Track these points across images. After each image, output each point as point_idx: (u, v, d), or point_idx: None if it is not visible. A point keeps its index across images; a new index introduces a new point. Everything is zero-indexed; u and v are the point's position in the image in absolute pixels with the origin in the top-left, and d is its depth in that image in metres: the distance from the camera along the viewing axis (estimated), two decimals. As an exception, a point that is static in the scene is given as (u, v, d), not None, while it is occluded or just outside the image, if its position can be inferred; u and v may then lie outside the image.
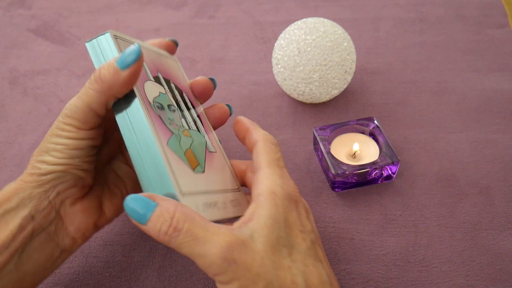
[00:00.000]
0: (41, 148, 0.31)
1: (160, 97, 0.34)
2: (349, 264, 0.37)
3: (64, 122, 0.30)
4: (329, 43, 0.45)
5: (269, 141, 0.33)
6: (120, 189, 0.36)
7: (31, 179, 0.31)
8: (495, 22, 0.60)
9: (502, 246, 0.38)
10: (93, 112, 0.30)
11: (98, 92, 0.30)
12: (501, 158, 0.44)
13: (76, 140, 0.31)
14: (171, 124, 0.33)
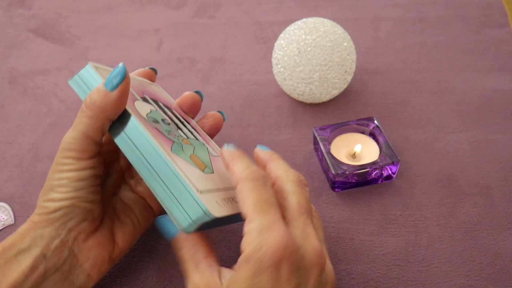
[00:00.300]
0: (46, 187, 0.31)
1: (152, 113, 0.34)
2: (349, 264, 0.37)
3: (63, 156, 0.30)
4: (329, 43, 0.45)
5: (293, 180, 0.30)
6: (130, 218, 0.36)
7: (40, 218, 0.31)
8: (495, 22, 0.60)
9: (502, 246, 0.38)
10: (90, 139, 0.30)
11: (92, 118, 0.30)
12: (501, 158, 0.44)
13: (78, 172, 0.30)
14: (169, 134, 0.33)
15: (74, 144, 0.30)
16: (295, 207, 0.28)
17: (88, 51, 0.62)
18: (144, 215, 0.36)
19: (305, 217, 0.28)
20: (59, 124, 0.52)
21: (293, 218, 0.28)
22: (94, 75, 0.32)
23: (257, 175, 0.28)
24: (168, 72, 0.58)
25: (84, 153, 0.30)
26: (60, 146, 0.31)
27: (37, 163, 0.48)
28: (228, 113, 0.51)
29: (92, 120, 0.30)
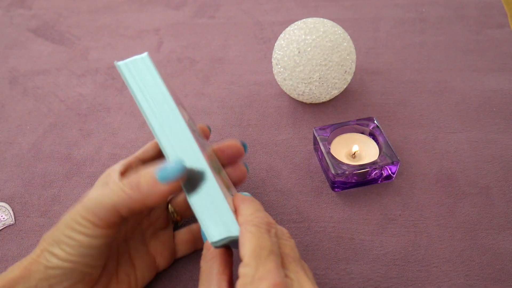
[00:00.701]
0: (53, 235, 0.29)
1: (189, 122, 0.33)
2: (349, 264, 0.37)
3: (82, 216, 0.28)
4: (329, 43, 0.45)
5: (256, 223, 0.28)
6: (128, 277, 0.34)
7: (38, 269, 0.29)
8: (495, 22, 0.60)
9: (502, 246, 0.38)
10: (118, 213, 0.28)
11: (131, 198, 0.28)
12: (501, 158, 0.44)
13: (91, 238, 0.29)
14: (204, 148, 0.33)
15: (99, 209, 0.28)
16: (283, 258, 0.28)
17: (88, 51, 0.62)
18: (144, 275, 0.35)
19: (293, 264, 0.28)
20: (59, 124, 0.52)
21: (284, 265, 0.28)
22: (151, 69, 0.31)
23: (262, 221, 0.28)
24: (168, 72, 0.58)
25: (104, 222, 0.28)
26: (86, 202, 0.28)
27: (37, 163, 0.48)
28: (228, 113, 0.51)
29: (129, 200, 0.28)
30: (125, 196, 0.28)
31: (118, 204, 0.28)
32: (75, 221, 0.28)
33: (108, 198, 0.28)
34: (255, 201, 0.31)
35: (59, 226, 0.29)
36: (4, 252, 0.40)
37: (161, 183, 0.28)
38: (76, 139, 0.50)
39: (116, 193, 0.28)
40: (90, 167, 0.47)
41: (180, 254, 0.38)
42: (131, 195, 0.28)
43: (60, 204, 0.44)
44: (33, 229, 0.42)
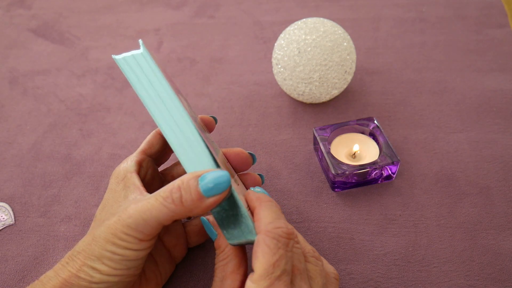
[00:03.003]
0: (92, 251, 0.28)
1: (190, 111, 0.33)
2: (349, 264, 0.37)
3: (125, 232, 0.28)
4: (329, 43, 0.45)
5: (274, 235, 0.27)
6: (154, 273, 0.34)
7: (79, 283, 0.28)
8: (495, 22, 0.60)
9: (502, 246, 0.38)
10: (161, 226, 0.28)
11: (174, 212, 0.27)
12: (501, 158, 0.44)
13: (136, 251, 0.28)
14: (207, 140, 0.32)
15: (142, 226, 0.27)
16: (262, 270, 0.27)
17: (88, 51, 0.62)
18: (166, 269, 0.35)
19: (298, 278, 0.27)
20: (59, 124, 0.52)
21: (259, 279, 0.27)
22: (151, 64, 0.30)
23: (282, 233, 0.27)
24: (168, 72, 0.58)
25: (149, 236, 0.28)
26: (125, 219, 0.28)
27: (37, 163, 0.48)
28: (228, 113, 0.51)
29: (173, 214, 0.27)
30: (169, 212, 0.27)
31: (162, 219, 0.28)
32: (117, 237, 0.28)
33: (151, 215, 0.27)
34: (273, 203, 0.30)
35: (99, 242, 0.28)
36: (4, 252, 0.40)
37: (206, 197, 0.27)
38: (76, 139, 0.50)
39: (157, 209, 0.27)
40: (90, 167, 0.47)
41: (193, 244, 0.38)
42: (173, 209, 0.27)
43: (60, 204, 0.44)
44: (33, 229, 0.42)
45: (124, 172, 0.33)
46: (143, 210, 0.28)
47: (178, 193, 0.27)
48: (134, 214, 0.28)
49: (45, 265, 0.39)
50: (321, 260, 0.30)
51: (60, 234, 0.41)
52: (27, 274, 0.39)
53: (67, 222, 0.42)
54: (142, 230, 0.28)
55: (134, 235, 0.28)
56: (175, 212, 0.27)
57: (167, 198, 0.27)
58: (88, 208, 0.43)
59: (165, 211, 0.27)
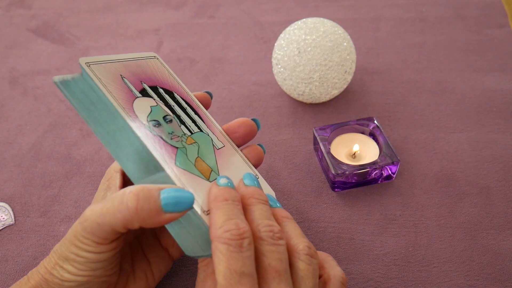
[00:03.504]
0: (61, 251, 0.29)
1: (152, 112, 0.32)
2: (349, 264, 0.37)
3: (83, 236, 0.28)
4: (329, 43, 0.45)
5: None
6: (145, 272, 0.34)
7: (54, 281, 0.29)
8: (495, 22, 0.60)
9: (502, 246, 0.38)
10: (116, 231, 0.27)
11: (128, 220, 0.26)
12: (501, 158, 0.44)
13: (97, 254, 0.28)
14: (172, 139, 0.32)
15: (97, 230, 0.27)
16: (265, 270, 0.27)
17: (88, 51, 0.62)
18: (160, 268, 0.35)
19: (276, 281, 0.26)
20: (59, 124, 0.52)
21: (264, 282, 0.26)
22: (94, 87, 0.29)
23: (231, 236, 0.26)
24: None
25: (106, 240, 0.28)
26: (84, 223, 0.27)
27: (37, 163, 0.48)
28: (228, 113, 0.51)
29: (126, 221, 0.26)
30: (122, 218, 0.26)
31: (115, 225, 0.27)
32: (78, 240, 0.28)
33: (104, 219, 0.27)
34: (227, 201, 0.28)
35: (65, 244, 0.28)
36: (4, 252, 0.40)
37: (164, 212, 0.26)
38: (76, 139, 0.50)
39: (112, 215, 0.26)
40: (90, 167, 0.47)
41: None
42: (127, 217, 0.26)
43: (60, 204, 0.44)
44: (33, 229, 0.42)
45: (111, 172, 0.33)
46: (97, 214, 0.27)
47: (134, 200, 0.26)
48: (90, 217, 0.27)
49: (45, 265, 0.39)
50: (317, 259, 0.29)
51: (60, 234, 0.41)
52: (27, 274, 0.39)
53: (67, 222, 0.42)
54: (97, 234, 0.27)
55: (91, 238, 0.27)
56: (127, 219, 0.26)
57: (121, 203, 0.26)
58: (88, 208, 0.43)
59: (118, 217, 0.26)
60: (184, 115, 0.35)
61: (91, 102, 0.29)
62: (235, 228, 0.26)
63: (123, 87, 0.32)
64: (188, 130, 0.34)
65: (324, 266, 0.31)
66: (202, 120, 0.36)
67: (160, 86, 0.36)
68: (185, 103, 0.36)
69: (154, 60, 0.37)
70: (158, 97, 0.34)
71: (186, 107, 0.36)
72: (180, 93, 0.37)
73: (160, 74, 0.37)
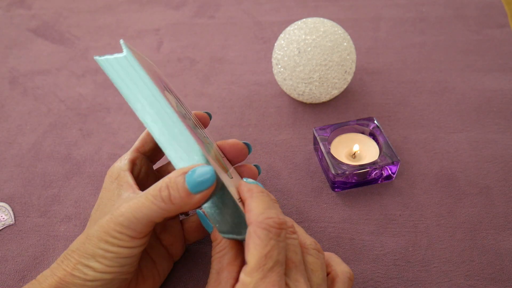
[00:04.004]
0: (86, 249, 0.28)
1: (178, 106, 0.33)
2: (349, 264, 0.37)
3: (117, 230, 0.28)
4: (329, 43, 0.45)
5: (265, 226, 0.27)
6: (151, 272, 0.34)
7: (74, 282, 0.28)
8: (495, 22, 0.60)
9: (502, 246, 0.38)
10: (153, 223, 0.28)
11: (164, 210, 0.28)
12: (501, 158, 0.44)
13: (129, 249, 0.28)
14: (196, 132, 0.32)
15: (134, 224, 0.28)
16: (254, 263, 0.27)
17: (88, 51, 0.62)
18: (163, 267, 0.35)
19: (294, 272, 0.27)
20: (59, 124, 0.52)
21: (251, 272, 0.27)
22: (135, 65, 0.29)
23: (273, 224, 0.27)
24: (168, 72, 0.58)
25: (141, 234, 0.28)
26: (117, 217, 0.28)
27: (37, 163, 0.48)
28: (228, 113, 0.51)
29: (163, 211, 0.28)
30: (159, 209, 0.28)
31: (153, 217, 0.28)
32: (110, 235, 0.28)
33: (141, 213, 0.27)
34: (264, 192, 0.30)
35: (92, 240, 0.28)
36: (4, 252, 0.40)
37: (193, 194, 0.27)
38: (76, 139, 0.50)
39: (148, 208, 0.27)
40: (90, 167, 0.47)
41: (191, 241, 0.38)
42: (164, 207, 0.27)
43: (60, 204, 0.44)
44: (33, 229, 0.42)
45: (118, 171, 0.34)
46: (134, 208, 0.28)
47: (166, 191, 0.27)
48: (125, 212, 0.28)
49: (45, 265, 0.39)
50: (323, 253, 0.30)
51: (60, 234, 0.41)
52: (27, 274, 0.39)
53: (67, 222, 0.42)
54: (134, 228, 0.28)
55: (126, 233, 0.28)
56: (165, 209, 0.28)
57: (156, 196, 0.28)
58: (88, 208, 0.43)
59: (155, 209, 0.27)
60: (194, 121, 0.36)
61: (132, 80, 0.30)
62: (276, 217, 0.27)
63: (156, 76, 0.33)
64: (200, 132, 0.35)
65: (331, 264, 0.32)
66: (200, 128, 0.37)
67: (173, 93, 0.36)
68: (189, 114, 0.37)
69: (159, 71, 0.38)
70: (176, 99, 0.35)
71: (195, 122, 0.37)
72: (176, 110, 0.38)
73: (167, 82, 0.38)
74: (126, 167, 0.34)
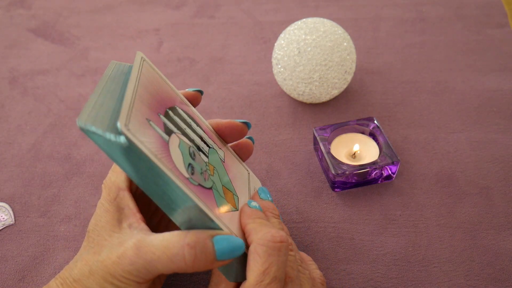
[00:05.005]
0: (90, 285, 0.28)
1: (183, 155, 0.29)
2: (349, 264, 0.37)
3: (124, 276, 0.27)
4: (329, 43, 0.45)
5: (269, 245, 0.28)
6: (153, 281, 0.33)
7: None
8: (495, 22, 0.60)
9: (502, 246, 0.38)
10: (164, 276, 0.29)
11: (181, 269, 0.27)
12: (501, 158, 0.44)
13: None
14: (205, 180, 0.30)
15: (143, 274, 0.27)
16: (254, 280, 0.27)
17: (88, 51, 0.62)
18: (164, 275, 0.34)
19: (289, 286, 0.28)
20: (59, 124, 0.52)
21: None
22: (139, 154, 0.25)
23: (272, 238, 0.27)
24: (168, 72, 0.58)
25: (149, 280, 0.28)
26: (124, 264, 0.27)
27: (37, 163, 0.48)
28: (228, 113, 0.51)
29: (181, 270, 0.27)
30: (175, 268, 0.26)
31: (165, 271, 0.27)
32: (116, 279, 0.27)
33: (154, 267, 0.26)
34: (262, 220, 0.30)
35: (95, 277, 0.28)
36: (4, 252, 0.40)
37: (218, 260, 0.27)
38: (76, 139, 0.50)
39: (165, 265, 0.26)
40: (90, 167, 0.47)
41: None
42: (183, 268, 0.26)
43: (60, 204, 0.44)
44: (33, 229, 0.42)
45: (116, 190, 0.31)
46: (147, 261, 0.26)
47: (192, 252, 0.26)
48: (136, 262, 0.26)
49: (45, 265, 0.39)
50: (307, 267, 0.32)
51: (60, 234, 0.41)
52: (27, 274, 0.39)
53: (67, 222, 0.42)
54: (142, 276, 0.27)
55: (133, 279, 0.27)
56: (181, 269, 0.26)
57: (177, 255, 0.26)
58: (88, 208, 0.43)
59: (171, 267, 0.26)
60: (194, 135, 0.32)
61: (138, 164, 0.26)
62: (276, 231, 0.28)
63: (154, 135, 0.27)
64: (204, 154, 0.32)
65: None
66: (199, 126, 0.33)
67: (167, 107, 0.31)
68: (186, 115, 0.33)
69: (145, 65, 0.31)
70: (173, 125, 0.30)
71: (190, 122, 0.33)
72: (178, 102, 0.33)
73: (159, 86, 0.31)
74: (124, 184, 0.31)
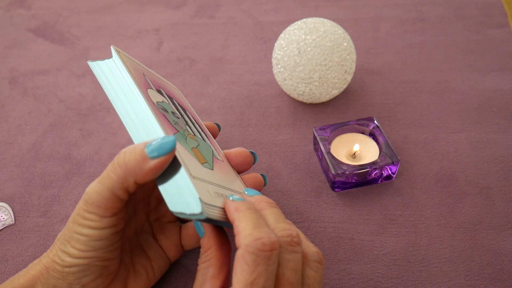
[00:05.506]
0: (65, 234, 0.29)
1: (163, 103, 0.34)
2: (349, 264, 0.37)
3: (86, 210, 0.28)
4: (329, 43, 0.45)
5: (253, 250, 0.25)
6: (145, 269, 0.34)
7: (54, 268, 0.29)
8: (495, 22, 0.60)
9: (502, 246, 0.38)
10: (115, 197, 0.28)
11: (120, 177, 0.28)
12: (501, 158, 0.44)
13: (99, 230, 0.29)
14: (176, 125, 0.33)
15: (98, 199, 0.28)
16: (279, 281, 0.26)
17: (88, 51, 0.62)
18: (159, 265, 0.35)
19: None
20: (59, 124, 0.52)
21: None
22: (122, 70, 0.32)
23: (261, 246, 0.25)
24: (168, 72, 0.58)
25: (107, 210, 0.28)
26: (84, 196, 0.29)
27: (37, 163, 0.48)
28: (228, 113, 0.51)
29: (120, 179, 0.28)
30: (115, 176, 0.28)
31: (112, 187, 0.28)
32: (81, 216, 0.29)
33: (103, 184, 0.28)
34: (251, 210, 0.28)
35: (69, 225, 0.29)
36: (4, 252, 0.40)
37: (150, 158, 0.27)
38: (76, 139, 0.50)
39: (107, 178, 0.28)
40: (90, 167, 0.47)
41: (187, 248, 0.38)
42: (120, 174, 0.28)
43: (60, 204, 0.44)
44: (33, 229, 0.42)
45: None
46: (96, 183, 0.28)
47: (122, 156, 0.28)
48: (89, 190, 0.28)
49: (45, 265, 0.39)
50: (323, 265, 0.29)
51: (60, 234, 0.41)
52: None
53: (67, 222, 0.42)
54: (99, 204, 0.28)
55: (94, 212, 0.28)
56: (121, 176, 0.27)
57: (113, 164, 0.28)
58: (88, 208, 0.43)
59: (113, 178, 0.28)
60: (192, 125, 0.37)
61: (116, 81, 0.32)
62: (266, 237, 0.26)
63: (142, 79, 0.34)
64: (192, 132, 0.35)
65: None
66: (208, 138, 0.38)
67: (176, 101, 0.38)
68: (197, 124, 0.39)
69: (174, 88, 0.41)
70: (171, 103, 0.36)
71: (195, 124, 0.38)
72: (193, 115, 0.40)
73: (178, 96, 0.40)
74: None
